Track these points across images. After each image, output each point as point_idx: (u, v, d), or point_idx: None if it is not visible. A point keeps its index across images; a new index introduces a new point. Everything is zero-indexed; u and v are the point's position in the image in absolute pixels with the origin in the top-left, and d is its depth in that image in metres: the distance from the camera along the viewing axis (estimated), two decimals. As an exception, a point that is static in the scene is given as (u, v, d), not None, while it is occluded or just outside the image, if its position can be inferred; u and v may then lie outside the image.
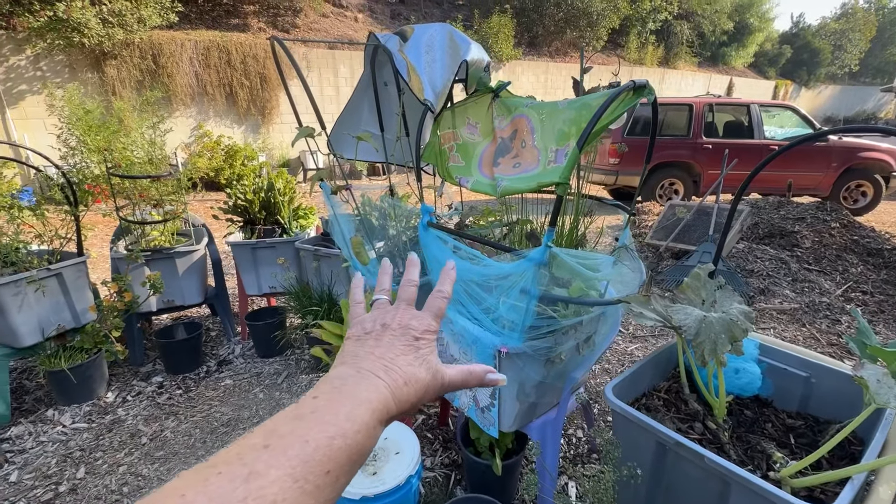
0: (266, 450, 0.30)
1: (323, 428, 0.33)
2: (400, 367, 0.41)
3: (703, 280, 1.22)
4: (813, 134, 1.16)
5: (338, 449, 0.32)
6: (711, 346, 0.96)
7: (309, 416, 0.34)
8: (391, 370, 0.41)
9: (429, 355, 0.44)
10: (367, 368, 0.40)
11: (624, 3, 14.26)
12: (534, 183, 1.22)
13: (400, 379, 0.40)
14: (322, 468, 0.31)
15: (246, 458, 0.30)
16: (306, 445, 0.31)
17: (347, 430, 0.34)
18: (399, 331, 0.45)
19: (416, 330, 0.45)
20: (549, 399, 1.54)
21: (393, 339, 0.44)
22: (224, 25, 9.39)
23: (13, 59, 6.76)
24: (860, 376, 0.83)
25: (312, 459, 0.31)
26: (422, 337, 0.45)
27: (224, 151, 8.00)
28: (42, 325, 2.15)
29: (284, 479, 0.29)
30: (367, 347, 0.43)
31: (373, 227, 2.22)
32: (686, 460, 0.94)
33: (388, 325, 0.45)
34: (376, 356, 0.42)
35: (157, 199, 2.43)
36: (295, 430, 0.32)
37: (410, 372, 0.41)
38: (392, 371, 0.41)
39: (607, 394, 1.08)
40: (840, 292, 3.33)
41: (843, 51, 22.21)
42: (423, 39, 1.60)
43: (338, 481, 0.32)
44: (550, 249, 1.14)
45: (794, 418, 1.20)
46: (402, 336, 0.44)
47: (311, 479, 0.30)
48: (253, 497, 0.27)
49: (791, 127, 6.88)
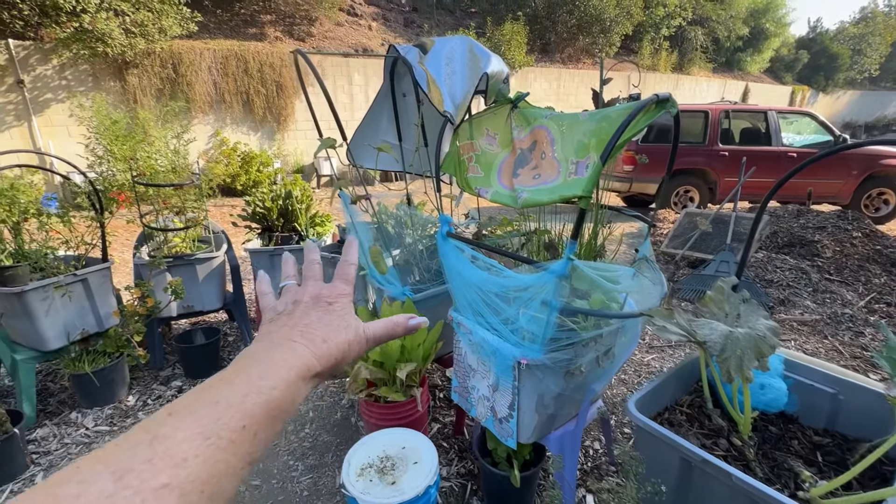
0: (170, 416, 0.30)
1: (233, 389, 0.33)
2: (316, 328, 0.42)
3: (726, 293, 1.21)
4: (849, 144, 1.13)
5: (252, 405, 0.32)
6: (738, 363, 0.95)
7: (217, 383, 0.34)
8: (307, 332, 0.41)
9: (346, 315, 0.45)
10: (283, 337, 0.41)
11: (637, 9, 14.21)
12: (556, 195, 1.23)
13: (318, 338, 0.41)
14: (236, 423, 0.31)
15: (149, 426, 0.29)
16: (216, 406, 0.31)
17: (261, 386, 0.34)
18: (311, 301, 0.46)
19: (327, 297, 0.46)
20: (568, 411, 1.53)
21: (306, 310, 0.45)
22: (242, 34, 9.59)
23: (40, 68, 6.98)
24: (894, 396, 0.82)
25: (225, 416, 0.31)
26: (335, 301, 0.46)
27: (240, 158, 8.14)
28: (67, 329, 2.21)
29: (194, 437, 0.29)
30: (280, 323, 0.44)
31: (389, 236, 2.24)
32: (712, 478, 0.93)
33: (299, 301, 0.46)
34: (290, 326, 0.42)
35: (180, 206, 2.48)
36: (201, 397, 0.32)
37: (328, 331, 0.42)
38: (308, 333, 0.41)
39: (630, 408, 1.07)
40: (863, 304, 3.26)
41: (863, 55, 21.81)
42: (444, 52, 1.62)
43: (256, 436, 0.32)
44: (572, 262, 1.14)
45: (821, 435, 1.18)
46: (315, 305, 0.45)
47: (224, 434, 0.30)
48: (160, 457, 0.27)
49: (810, 133, 6.77)
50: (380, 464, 1.41)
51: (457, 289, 1.52)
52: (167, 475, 0.27)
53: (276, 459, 1.95)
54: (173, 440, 0.28)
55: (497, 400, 1.48)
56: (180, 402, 0.32)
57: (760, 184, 6.05)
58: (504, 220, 1.89)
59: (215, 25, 9.47)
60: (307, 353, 0.40)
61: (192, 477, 0.28)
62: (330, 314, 0.45)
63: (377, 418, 1.79)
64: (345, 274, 0.50)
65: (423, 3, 13.56)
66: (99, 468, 0.26)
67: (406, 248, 2.18)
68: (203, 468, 0.28)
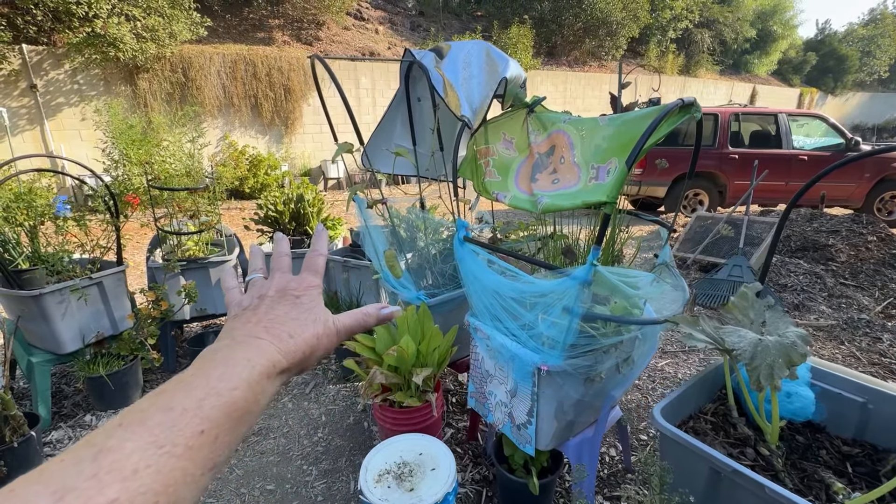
0: (120, 427, 0.28)
1: (189, 393, 0.31)
2: (282, 323, 0.41)
3: (751, 300, 1.19)
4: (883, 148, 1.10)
5: (211, 408, 0.31)
6: (768, 371, 0.93)
7: (172, 387, 0.32)
8: (272, 328, 0.40)
9: (315, 308, 0.44)
10: (245, 334, 0.39)
11: (643, 12, 14.19)
12: (578, 200, 1.22)
13: (284, 333, 0.40)
14: (193, 429, 0.29)
15: (94, 439, 0.27)
16: (170, 412, 0.30)
17: (221, 389, 0.32)
18: (277, 295, 0.44)
19: (295, 290, 0.45)
20: (587, 417, 1.52)
21: (272, 304, 0.43)
22: (250, 39, 9.66)
23: (52, 73, 7.07)
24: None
25: (180, 422, 0.29)
26: (303, 294, 0.44)
27: (248, 161, 8.19)
28: (83, 332, 2.22)
29: (146, 447, 0.27)
30: (243, 319, 0.42)
31: (402, 240, 2.23)
32: (742, 489, 0.91)
33: (265, 295, 0.44)
34: (254, 322, 0.41)
35: (194, 210, 2.50)
36: (156, 402, 0.30)
37: (294, 326, 0.41)
38: (273, 328, 0.40)
39: (656, 416, 1.05)
40: (880, 309, 3.21)
41: (872, 57, 21.64)
42: (461, 56, 1.62)
43: (217, 440, 0.31)
44: (595, 268, 1.13)
45: (850, 445, 1.15)
46: (281, 299, 0.43)
47: (179, 441, 0.28)
48: (106, 471, 0.25)
49: (820, 136, 6.71)
50: (397, 470, 1.40)
51: (474, 294, 1.51)
52: (115, 489, 0.25)
53: (290, 464, 1.95)
54: (121, 452, 0.26)
55: (515, 406, 1.47)
56: (132, 410, 0.30)
57: (771, 187, 6.01)
58: (521, 225, 1.88)
59: (224, 30, 9.55)
60: (272, 349, 0.38)
61: (145, 488, 0.26)
62: (297, 307, 0.43)
63: (392, 423, 1.78)
64: (313, 265, 0.48)
65: (429, 6, 13.61)
66: (37, 489, 0.24)
67: (419, 252, 2.18)
68: (157, 478, 0.26)
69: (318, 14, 10.49)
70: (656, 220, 1.56)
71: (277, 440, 2.10)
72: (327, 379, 2.58)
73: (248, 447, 2.06)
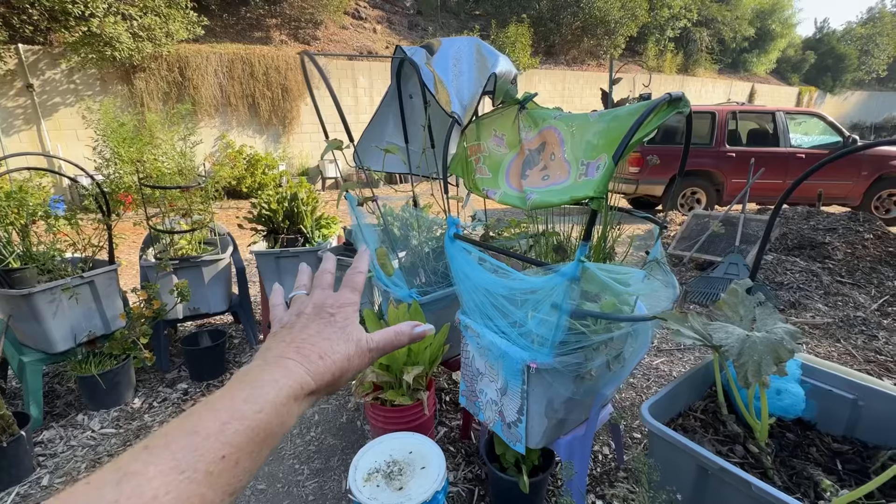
0: (145, 450, 0.29)
1: (214, 416, 0.31)
2: (313, 343, 0.41)
3: (741, 296, 1.19)
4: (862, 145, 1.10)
5: (234, 432, 0.31)
6: (755, 368, 0.92)
7: (199, 409, 0.32)
8: (303, 348, 0.40)
9: (347, 326, 0.44)
10: (276, 354, 0.39)
11: (642, 10, 14.18)
12: (566, 196, 1.21)
13: (313, 354, 0.40)
14: (214, 454, 0.29)
15: (120, 462, 0.28)
16: (194, 436, 0.30)
17: (245, 411, 0.32)
18: (313, 312, 0.44)
19: (330, 307, 0.45)
20: (578, 415, 1.51)
21: (307, 322, 0.43)
22: (248, 38, 9.65)
23: (49, 72, 7.05)
24: (920, 403, 0.79)
25: (202, 446, 0.29)
26: (338, 312, 0.45)
27: (246, 160, 8.17)
28: (74, 331, 2.21)
29: (167, 472, 0.27)
30: (278, 338, 0.42)
31: (395, 238, 2.22)
32: (729, 486, 0.90)
33: (302, 312, 0.45)
34: (287, 342, 0.41)
35: (186, 208, 2.48)
36: (182, 425, 0.31)
37: (325, 346, 0.41)
38: (304, 349, 0.40)
39: (644, 414, 1.04)
40: (876, 307, 3.20)
41: (871, 56, 21.64)
42: (451, 53, 1.61)
43: (238, 464, 0.31)
44: (583, 264, 1.12)
45: (841, 443, 1.14)
46: (316, 317, 0.44)
47: (200, 466, 0.28)
48: (126, 497, 0.25)
49: (818, 134, 6.70)
50: (387, 469, 1.39)
51: (464, 291, 1.50)
52: None
53: (282, 463, 1.94)
54: (143, 477, 0.27)
55: (505, 404, 1.46)
56: (160, 433, 0.31)
57: (769, 185, 6.00)
58: (512, 222, 1.87)
59: (221, 29, 9.53)
60: (300, 371, 0.38)
61: None
62: (330, 326, 0.43)
63: (383, 422, 1.77)
64: (352, 282, 0.49)
65: (427, 5, 13.60)
66: None
67: (412, 250, 2.17)
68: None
69: (315, 13, 10.47)
70: (648, 217, 1.55)
71: (270, 439, 2.09)
72: (321, 378, 2.57)
73: (241, 446, 2.05)
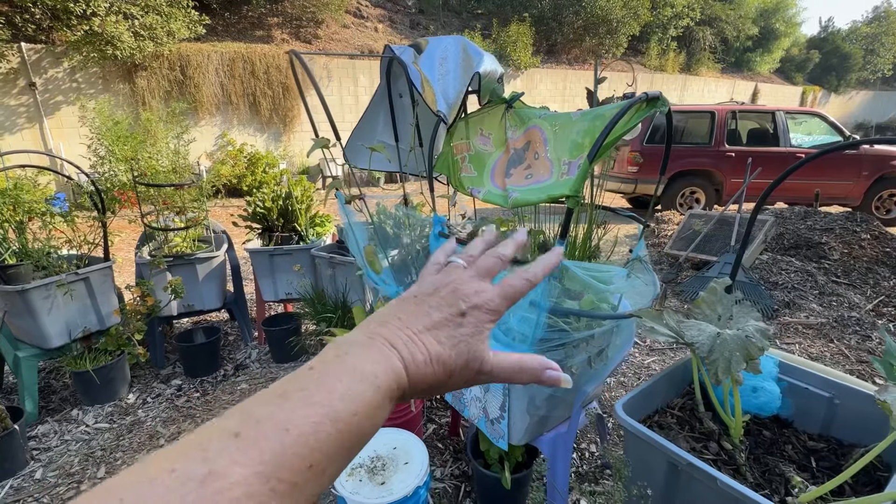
0: (236, 439, 0.25)
1: (309, 411, 0.27)
2: (426, 342, 0.35)
3: (719, 294, 1.19)
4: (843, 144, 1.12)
5: (326, 436, 0.27)
6: (725, 365, 0.93)
7: (295, 394, 0.28)
8: (413, 343, 0.34)
9: (470, 337, 0.36)
10: (384, 336, 0.34)
11: (644, 10, 14.13)
12: (544, 195, 1.22)
13: (420, 356, 0.34)
14: (303, 462, 0.26)
15: (210, 450, 0.24)
16: (285, 435, 0.26)
17: (341, 412, 0.28)
18: (448, 297, 0.37)
19: (466, 300, 0.37)
20: (561, 413, 1.52)
21: (434, 306, 0.37)
22: (249, 37, 9.68)
23: (51, 71, 7.10)
24: (884, 400, 0.80)
25: (289, 452, 0.25)
26: (470, 313, 0.36)
27: (246, 159, 8.21)
28: (69, 327, 2.24)
29: (251, 478, 0.24)
30: (400, 310, 0.37)
31: (387, 236, 2.24)
32: (698, 482, 0.91)
33: (439, 289, 0.38)
34: (403, 322, 0.35)
35: (180, 206, 2.51)
36: (274, 415, 0.27)
37: (435, 351, 0.35)
38: (414, 344, 0.34)
39: (617, 410, 1.06)
40: (871, 307, 3.20)
41: (876, 55, 21.50)
42: (437, 52, 1.62)
43: (324, 473, 0.27)
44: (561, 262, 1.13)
45: (816, 440, 1.15)
46: (447, 304, 0.37)
47: (285, 476, 0.25)
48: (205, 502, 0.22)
49: (819, 134, 6.68)
50: (370, 464, 1.41)
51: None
52: None
53: (272, 458, 1.96)
54: (226, 481, 0.23)
55: (489, 401, 1.47)
56: (253, 415, 0.27)
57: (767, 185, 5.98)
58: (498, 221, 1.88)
59: (223, 28, 9.57)
60: (401, 368, 0.33)
61: None
62: (453, 328, 0.36)
63: (371, 418, 1.79)
64: (509, 286, 0.39)
65: (429, 4, 13.60)
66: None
67: (404, 248, 2.18)
68: None
69: (317, 12, 10.49)
70: (632, 216, 1.56)
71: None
72: (314, 375, 2.59)
73: (232, 442, 2.07)
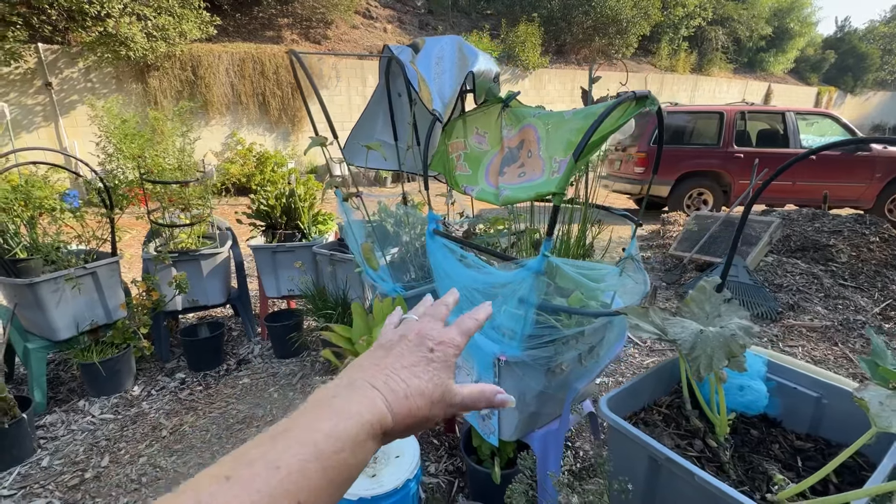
0: (227, 482, 0.27)
1: (297, 450, 0.30)
2: (403, 378, 0.38)
3: (708, 293, 1.19)
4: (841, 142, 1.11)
5: (312, 473, 0.29)
6: (707, 362, 0.94)
7: (283, 435, 0.31)
8: (392, 380, 0.37)
9: (441, 371, 0.40)
10: (365, 379, 0.37)
11: (655, 9, 14.01)
12: (532, 192, 1.23)
13: (400, 391, 0.37)
14: (291, 498, 0.27)
15: (202, 494, 0.26)
16: (276, 472, 0.28)
17: (326, 450, 0.31)
18: (415, 340, 0.42)
19: (432, 340, 0.42)
20: (552, 409, 1.53)
21: (404, 350, 0.41)
22: (259, 38, 9.80)
23: (67, 71, 7.27)
24: (861, 397, 0.80)
25: (280, 489, 0.27)
26: (437, 349, 0.41)
27: (255, 158, 8.31)
28: (77, 320, 2.30)
29: None
30: (374, 358, 0.41)
31: (386, 234, 2.26)
32: (678, 477, 0.92)
33: (405, 336, 0.43)
34: (380, 367, 0.39)
35: (186, 203, 2.56)
36: (266, 454, 0.29)
37: (414, 385, 0.38)
38: (392, 382, 0.37)
39: (602, 406, 1.07)
40: (878, 310, 3.15)
41: (894, 55, 21.06)
42: (434, 51, 1.64)
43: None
44: (548, 259, 1.14)
45: (804, 440, 1.15)
46: (416, 346, 0.41)
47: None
48: None
49: (831, 135, 6.57)
50: (362, 456, 1.43)
51: (443, 287, 1.54)
52: None
53: (270, 451, 1.99)
54: None
55: (480, 397, 1.49)
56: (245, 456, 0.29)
57: (777, 186, 5.91)
58: (493, 219, 1.90)
59: (234, 29, 9.70)
60: (383, 407, 0.35)
61: None
62: (425, 364, 0.40)
63: (366, 413, 1.81)
64: (464, 325, 0.45)
65: (438, 5, 13.63)
66: None
67: (403, 246, 2.21)
68: None
69: (326, 13, 10.58)
70: (625, 215, 1.56)
71: (261, 429, 2.15)
72: (314, 370, 2.62)
73: (231, 435, 2.11)
